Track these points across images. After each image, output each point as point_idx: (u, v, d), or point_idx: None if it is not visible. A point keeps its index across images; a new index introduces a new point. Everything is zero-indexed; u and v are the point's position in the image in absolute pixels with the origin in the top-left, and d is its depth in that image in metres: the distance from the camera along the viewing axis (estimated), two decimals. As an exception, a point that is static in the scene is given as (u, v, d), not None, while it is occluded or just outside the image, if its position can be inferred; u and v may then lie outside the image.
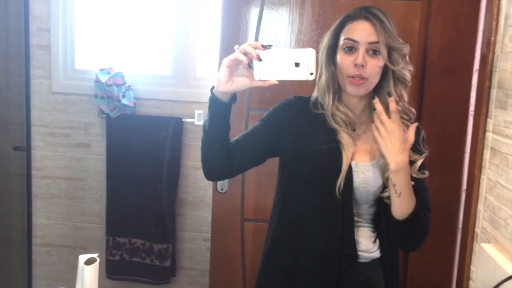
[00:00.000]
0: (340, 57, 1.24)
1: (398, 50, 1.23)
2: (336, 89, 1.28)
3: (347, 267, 1.27)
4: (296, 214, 1.31)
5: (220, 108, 1.20)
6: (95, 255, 1.17)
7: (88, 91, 2.46)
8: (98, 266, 1.18)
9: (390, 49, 1.22)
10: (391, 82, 1.26)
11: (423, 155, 1.26)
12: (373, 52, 1.21)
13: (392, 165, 1.17)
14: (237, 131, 1.34)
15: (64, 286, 1.16)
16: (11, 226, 2.58)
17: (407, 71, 1.25)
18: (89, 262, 1.17)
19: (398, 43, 1.22)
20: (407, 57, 1.26)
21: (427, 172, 1.27)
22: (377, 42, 1.20)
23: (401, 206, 1.21)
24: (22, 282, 2.60)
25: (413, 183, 1.21)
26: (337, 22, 1.27)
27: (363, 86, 1.23)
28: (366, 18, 1.21)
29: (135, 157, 2.46)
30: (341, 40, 1.24)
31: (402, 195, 1.19)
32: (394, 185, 1.18)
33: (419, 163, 1.25)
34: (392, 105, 1.17)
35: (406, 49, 1.25)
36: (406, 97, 1.28)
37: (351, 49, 1.22)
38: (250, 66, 1.13)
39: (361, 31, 1.21)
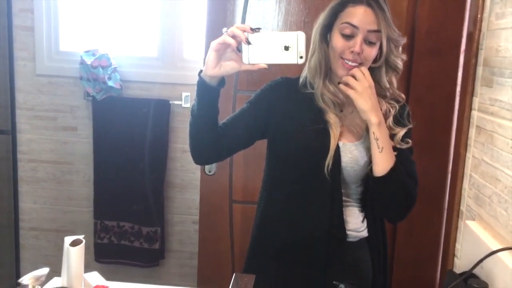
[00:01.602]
0: (336, 39, 1.22)
1: (395, 40, 1.22)
2: (328, 69, 1.27)
3: (336, 246, 1.28)
4: (285, 195, 1.31)
5: (208, 92, 1.19)
6: (81, 237, 1.17)
7: (73, 73, 2.42)
8: (83, 247, 1.17)
9: (387, 39, 1.21)
10: (383, 69, 1.25)
11: (406, 128, 1.27)
12: (370, 41, 1.20)
13: (373, 119, 1.18)
14: (225, 113, 1.33)
15: (52, 270, 1.15)
16: (-2, 210, 2.56)
17: (399, 60, 1.25)
18: (75, 243, 1.16)
19: (396, 34, 1.22)
20: (401, 47, 1.26)
21: (410, 141, 1.27)
22: (377, 31, 1.19)
23: (383, 162, 1.21)
24: (9, 266, 2.58)
25: (395, 152, 1.21)
26: (336, 1, 1.24)
27: None
28: (369, 5, 1.19)
29: (122, 140, 2.44)
30: (340, 23, 1.21)
31: (384, 150, 1.20)
32: (377, 140, 1.19)
33: (401, 134, 1.26)
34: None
35: (402, 40, 1.24)
36: (395, 83, 1.29)
37: (348, 35, 1.20)
38: (238, 49, 1.11)
39: (362, 17, 1.18)
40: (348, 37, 1.20)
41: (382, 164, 1.21)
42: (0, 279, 2.48)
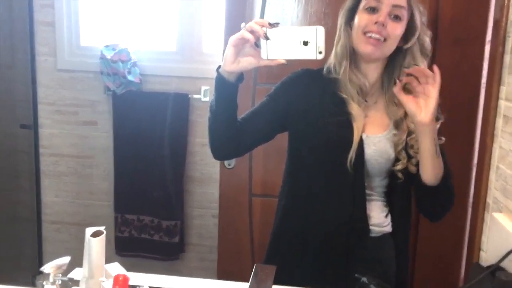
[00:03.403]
0: (360, 16, 1.20)
1: (421, 17, 1.20)
2: (353, 54, 1.24)
3: (358, 241, 1.26)
4: (307, 189, 1.29)
5: (227, 88, 1.18)
6: (102, 228, 1.17)
7: (93, 68, 2.43)
8: (104, 238, 1.17)
9: (412, 16, 1.19)
10: (416, 50, 1.21)
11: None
12: (395, 17, 1.17)
13: (433, 125, 1.13)
14: (244, 106, 1.32)
15: (73, 261, 1.16)
16: (20, 204, 2.60)
17: (426, 37, 1.22)
18: (95, 234, 1.17)
19: (421, 10, 1.20)
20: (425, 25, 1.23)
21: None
22: (402, 7, 1.17)
23: (436, 168, 1.18)
24: (32, 259, 2.62)
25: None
26: None
27: (379, 47, 1.18)
28: None
29: (141, 134, 2.45)
30: (363, 1, 1.20)
31: (439, 155, 1.17)
32: (436, 145, 1.15)
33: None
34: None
35: (425, 17, 1.22)
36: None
37: (373, 9, 1.18)
38: (257, 45, 1.10)
39: None
40: (372, 10, 1.18)
41: (436, 170, 1.18)
42: (23, 271, 2.52)
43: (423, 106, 1.11)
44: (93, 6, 2.50)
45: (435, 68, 1.10)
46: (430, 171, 1.18)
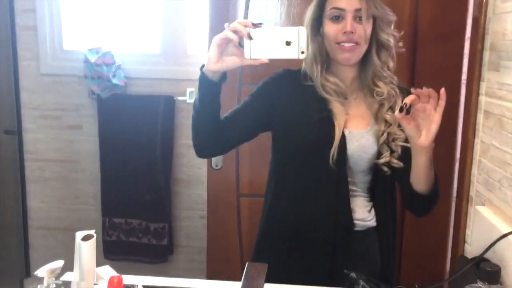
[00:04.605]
0: (327, 26, 1.24)
1: (381, 17, 1.23)
2: (324, 59, 1.28)
3: (343, 236, 1.28)
4: (292, 186, 1.31)
5: (211, 87, 1.19)
6: (92, 231, 1.17)
7: (77, 71, 2.42)
8: (95, 242, 1.17)
9: (374, 16, 1.23)
10: (374, 48, 1.25)
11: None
12: (360, 18, 1.21)
13: (431, 146, 1.14)
14: (229, 107, 1.33)
15: (63, 267, 1.16)
16: (6, 210, 2.57)
17: (391, 37, 1.25)
18: (86, 238, 1.17)
19: (383, 10, 1.23)
20: (393, 24, 1.26)
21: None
22: (363, 9, 1.20)
23: (429, 179, 1.21)
24: (19, 266, 2.59)
25: (408, 145, 1.19)
26: None
27: (354, 52, 1.23)
28: None
29: (127, 137, 2.44)
30: (327, 10, 1.24)
31: (432, 167, 1.19)
32: (431, 160, 1.17)
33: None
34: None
35: (392, 16, 1.25)
36: (391, 64, 1.28)
37: (338, 18, 1.22)
38: (240, 44, 1.11)
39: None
40: (337, 18, 1.22)
41: (429, 181, 1.20)
42: (10, 278, 2.49)
43: (425, 130, 1.11)
44: (75, 10, 2.49)
45: (442, 91, 1.11)
46: (423, 182, 1.21)
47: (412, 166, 1.20)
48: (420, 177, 1.20)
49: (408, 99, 1.09)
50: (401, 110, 1.09)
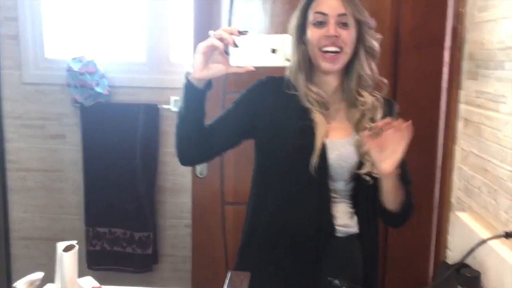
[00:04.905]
0: (311, 31, 1.24)
1: (365, 23, 1.25)
2: (308, 68, 1.28)
3: (325, 241, 1.28)
4: (274, 193, 1.32)
5: (195, 95, 1.20)
6: (74, 242, 1.16)
7: (60, 80, 2.40)
8: (77, 252, 1.16)
9: (358, 22, 1.24)
10: (362, 55, 1.26)
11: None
12: (343, 24, 1.22)
13: (395, 172, 1.18)
14: (214, 114, 1.33)
15: (44, 278, 1.15)
16: (-13, 221, 2.53)
17: (375, 41, 1.27)
18: (67, 249, 1.16)
19: (365, 16, 1.25)
20: (373, 30, 1.28)
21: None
22: (346, 14, 1.21)
23: (397, 196, 1.25)
24: (1, 277, 2.55)
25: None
26: (303, 1, 1.28)
27: (338, 60, 1.23)
28: None
29: (111, 146, 2.43)
30: (310, 16, 1.24)
31: (400, 185, 1.23)
32: (398, 181, 1.21)
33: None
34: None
35: (373, 22, 1.27)
36: (376, 70, 1.29)
37: (321, 23, 1.22)
38: (226, 52, 1.12)
39: (330, 4, 1.22)
40: (321, 24, 1.22)
41: (398, 198, 1.25)
42: (-9, 290, 2.45)
43: (388, 156, 1.15)
44: (58, 18, 2.48)
45: (408, 125, 1.14)
46: (391, 202, 1.26)
47: (380, 187, 1.24)
48: (388, 198, 1.25)
49: (380, 123, 1.13)
50: (370, 129, 1.12)
